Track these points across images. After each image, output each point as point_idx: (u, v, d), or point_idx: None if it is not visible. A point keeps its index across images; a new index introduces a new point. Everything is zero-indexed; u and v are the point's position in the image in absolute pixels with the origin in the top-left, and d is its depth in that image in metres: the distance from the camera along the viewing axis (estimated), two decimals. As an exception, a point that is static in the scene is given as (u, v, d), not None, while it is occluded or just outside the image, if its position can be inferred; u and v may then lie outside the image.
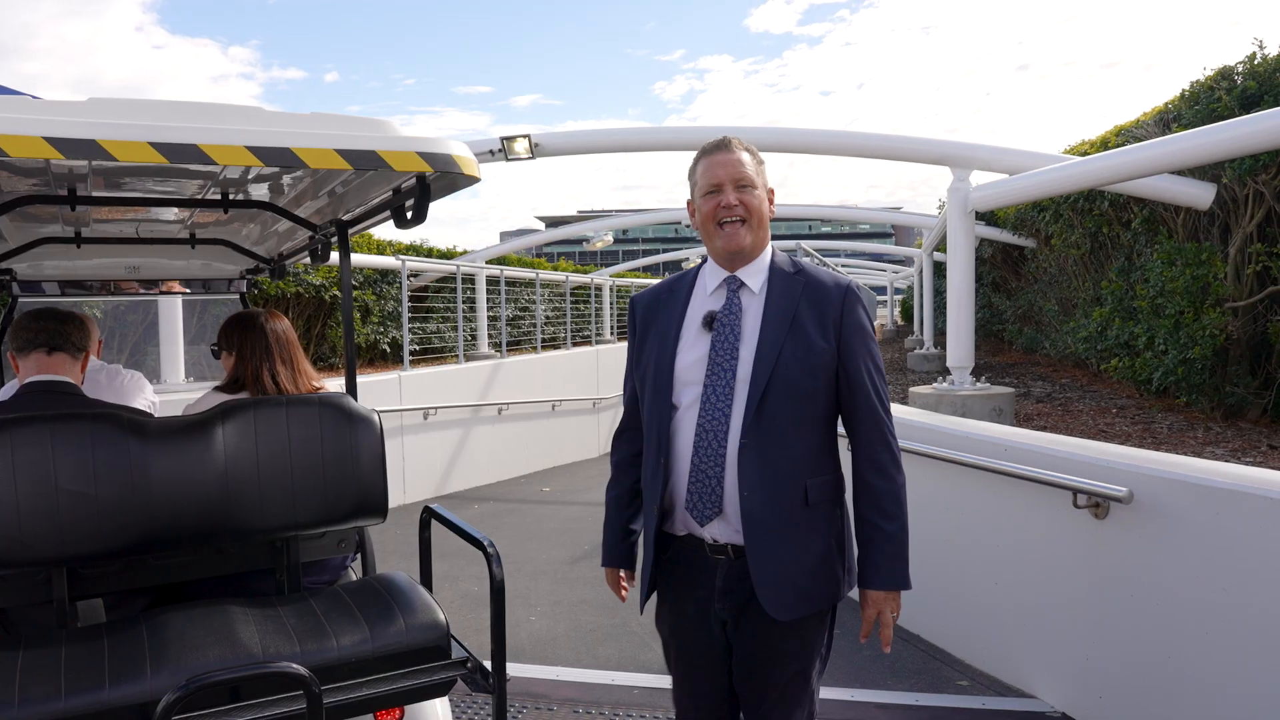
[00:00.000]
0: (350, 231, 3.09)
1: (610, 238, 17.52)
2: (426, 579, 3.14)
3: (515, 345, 16.76)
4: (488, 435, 11.76)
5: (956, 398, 7.30)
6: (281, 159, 1.95)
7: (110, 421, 2.47)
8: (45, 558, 2.38)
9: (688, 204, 2.44)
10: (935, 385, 7.81)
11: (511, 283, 17.32)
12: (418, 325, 14.51)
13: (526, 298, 18.22)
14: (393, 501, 9.70)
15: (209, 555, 2.83)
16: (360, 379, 10.46)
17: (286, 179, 2.82)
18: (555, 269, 22.27)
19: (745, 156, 2.34)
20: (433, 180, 2.43)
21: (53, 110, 1.90)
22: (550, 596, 6.08)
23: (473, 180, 2.33)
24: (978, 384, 7.71)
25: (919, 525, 4.99)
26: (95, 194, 2.88)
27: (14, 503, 2.32)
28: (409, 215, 2.50)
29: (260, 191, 3.04)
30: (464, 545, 2.67)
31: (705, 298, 2.39)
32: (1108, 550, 3.73)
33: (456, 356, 12.58)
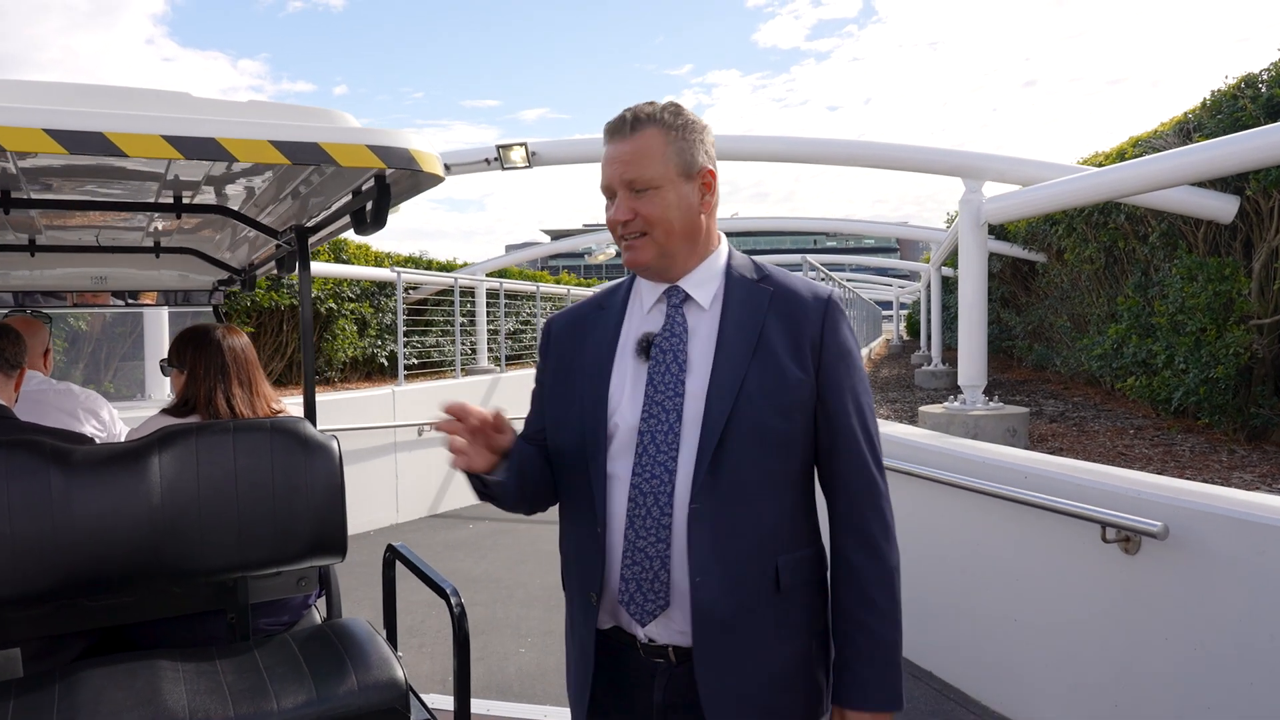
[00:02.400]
0: (312, 239, 2.83)
1: (612, 250, 17.27)
2: (390, 624, 2.86)
3: (517, 359, 16.51)
4: (485, 452, 11.45)
5: (969, 418, 7.01)
6: (204, 151, 1.69)
7: (29, 449, 2.20)
8: None
9: None
10: (946, 404, 7.52)
11: (513, 295, 17.08)
12: (416, 339, 14.26)
13: (529, 311, 17.97)
14: (385, 521, 9.41)
15: (154, 596, 2.55)
16: (352, 394, 10.22)
17: (246, 181, 2.57)
18: (558, 282, 22.04)
19: (644, 142, 1.69)
20: (393, 180, 2.16)
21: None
22: (542, 626, 5.78)
23: (435, 179, 2.06)
24: (990, 403, 7.42)
25: (931, 554, 4.73)
26: (34, 196, 2.62)
27: None
28: (369, 219, 2.23)
29: (220, 195, 2.78)
30: (458, 566, 2.34)
31: (642, 316, 1.80)
32: (1139, 589, 3.43)
33: (454, 371, 12.31)
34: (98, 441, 3.29)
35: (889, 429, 5.55)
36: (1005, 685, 4.19)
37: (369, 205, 2.22)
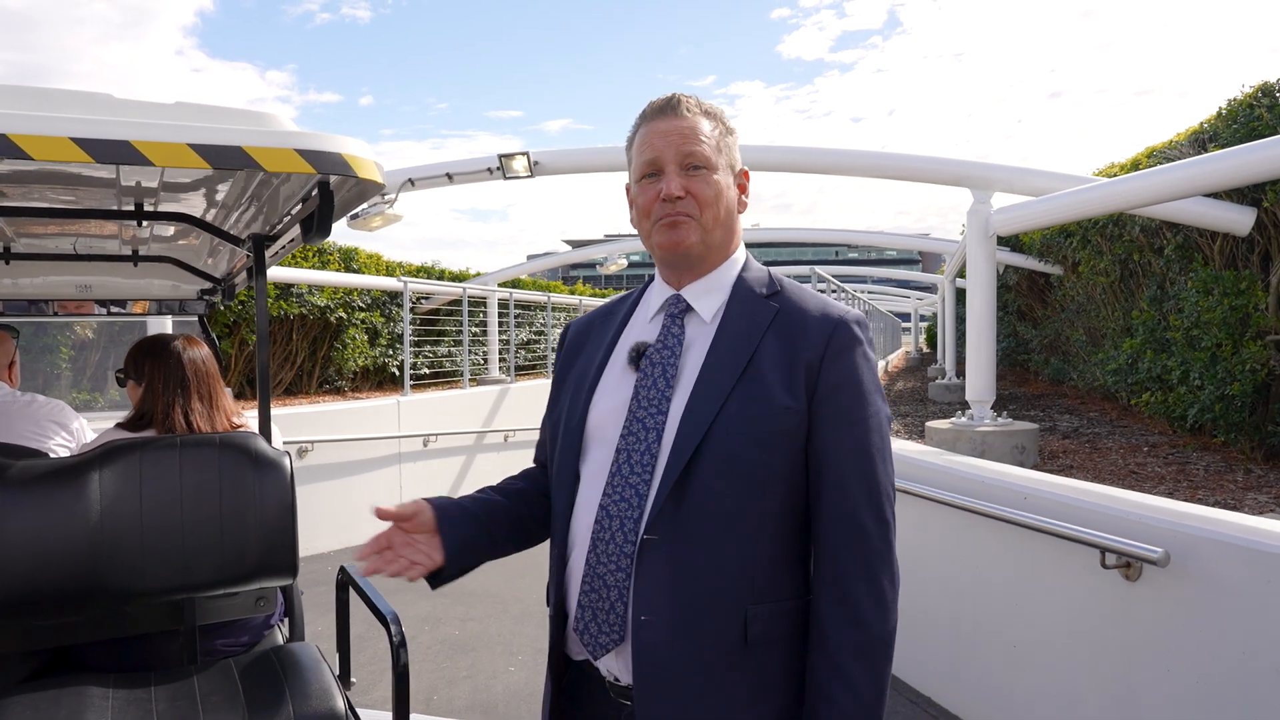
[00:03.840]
0: (271, 248, 2.74)
1: (624, 260, 17.16)
2: (344, 649, 2.76)
3: (529, 369, 16.43)
4: (491, 463, 11.38)
5: (975, 434, 6.84)
6: (117, 154, 1.60)
7: None
8: None
9: (626, 190, 1.71)
10: (954, 420, 7.36)
11: (525, 306, 17.02)
12: (428, 349, 14.22)
13: (541, 321, 17.90)
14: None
15: (102, 617, 2.47)
16: (358, 403, 10.17)
17: (210, 188, 2.48)
18: (572, 292, 21.97)
19: (703, 123, 1.59)
20: (336, 187, 2.07)
21: None
22: (535, 644, 5.67)
23: (376, 186, 1.96)
24: (999, 419, 7.25)
25: (929, 575, 4.59)
26: None
27: None
28: (314, 227, 2.14)
29: (188, 202, 2.71)
30: (456, 580, 2.22)
31: (643, 325, 1.68)
32: (1139, 617, 3.29)
33: (462, 381, 12.25)
34: (63, 454, 3.22)
35: (890, 445, 5.41)
36: (1005, 711, 4.04)
37: (315, 213, 2.13)
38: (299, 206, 2.34)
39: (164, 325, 8.86)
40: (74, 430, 3.46)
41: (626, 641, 1.53)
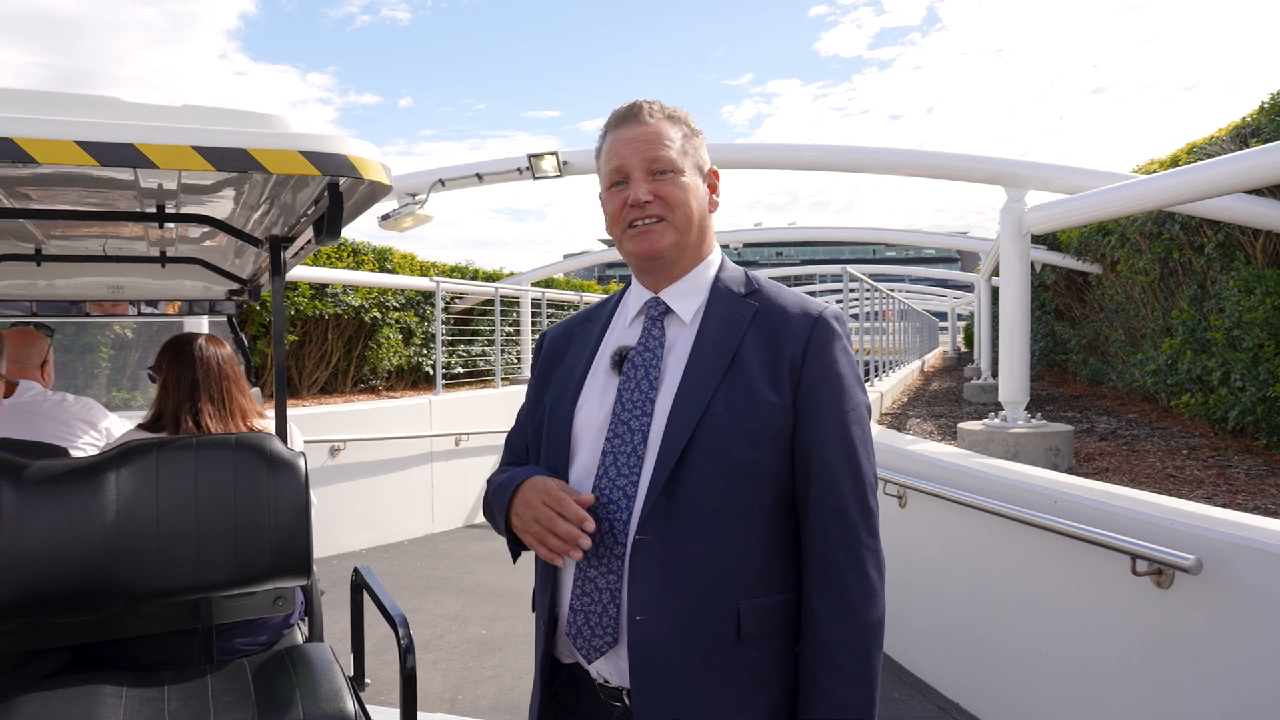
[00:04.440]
0: (289, 249, 2.76)
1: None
2: (358, 648, 2.77)
3: (560, 369, 16.40)
4: (522, 462, 11.39)
5: (1009, 436, 6.74)
6: (122, 157, 1.61)
7: None
8: None
9: (600, 199, 1.73)
10: (986, 421, 7.25)
11: (558, 305, 17.06)
12: (462, 348, 14.29)
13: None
14: (421, 531, 9.44)
15: (120, 615, 2.50)
16: (390, 402, 10.24)
17: (230, 190, 2.50)
18: (606, 291, 21.99)
19: (667, 127, 1.62)
20: (346, 189, 2.07)
21: None
22: (560, 643, 5.67)
23: (383, 188, 1.96)
24: (1033, 420, 7.13)
25: (955, 579, 4.52)
26: (11, 205, 2.59)
27: None
28: (324, 229, 2.14)
29: (206, 204, 2.73)
30: (485, 579, 2.17)
31: (624, 329, 1.71)
32: (1171, 626, 3.21)
33: (494, 380, 12.30)
34: (91, 453, 3.26)
35: (917, 446, 5.34)
36: (1035, 717, 3.97)
37: (325, 214, 2.13)
38: (313, 208, 2.35)
39: (200, 325, 9.00)
40: (103, 429, 3.51)
41: (621, 643, 1.54)
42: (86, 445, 3.36)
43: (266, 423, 2.94)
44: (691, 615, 1.49)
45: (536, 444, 1.74)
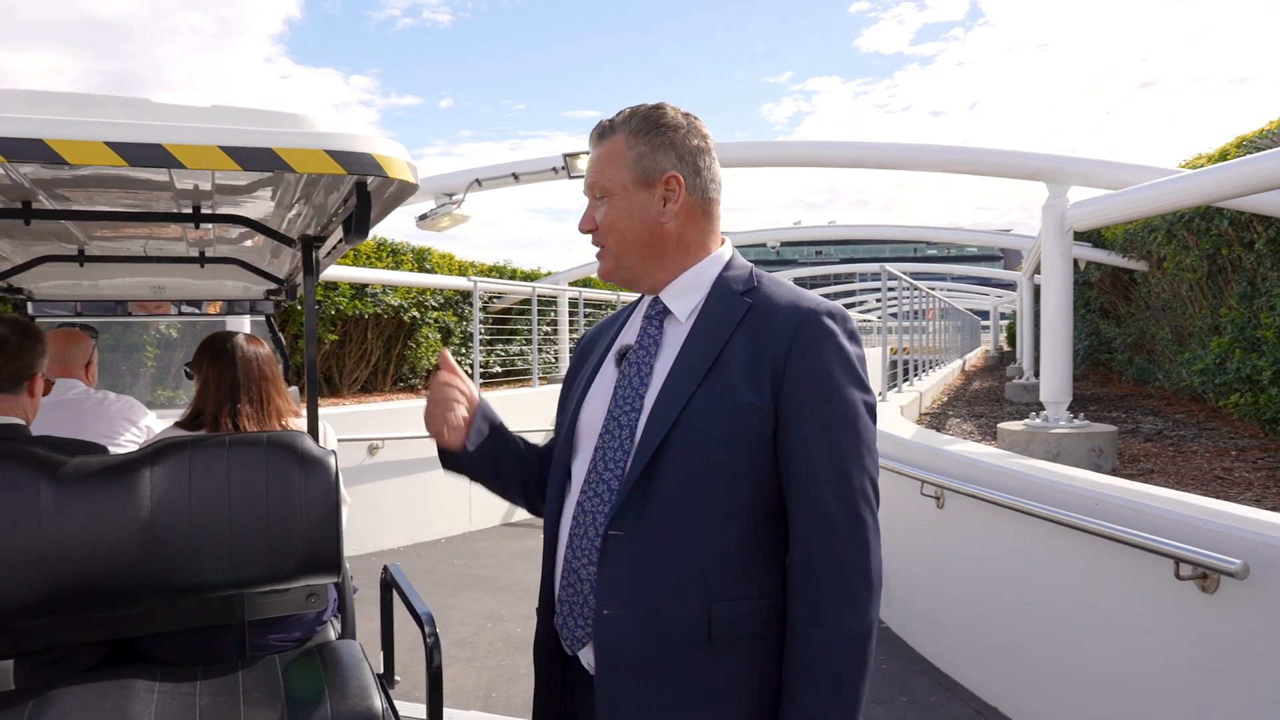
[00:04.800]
0: (320, 249, 2.78)
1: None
2: (388, 646, 2.79)
3: (598, 368, 16.43)
4: (558, 461, 11.43)
5: (1050, 436, 6.63)
6: (151, 157, 1.63)
7: (19, 462, 2.18)
8: None
9: None
10: (1027, 421, 7.14)
11: (595, 305, 17.09)
12: (500, 347, 14.38)
13: (611, 320, 17.92)
14: (458, 529, 9.51)
15: (156, 610, 2.54)
16: (421, 401, 10.31)
17: (263, 190, 2.53)
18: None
19: (608, 148, 1.64)
20: (374, 188, 2.08)
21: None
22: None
23: (410, 187, 1.97)
24: (1075, 420, 7.01)
25: (993, 582, 4.45)
26: (52, 207, 2.64)
27: None
28: (353, 228, 2.16)
29: (241, 205, 2.76)
30: (521, 577, 2.19)
31: (632, 328, 1.74)
32: (1216, 632, 3.12)
33: (532, 379, 12.35)
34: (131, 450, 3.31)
35: (955, 447, 5.27)
36: (1072, 727, 3.89)
37: (353, 214, 2.15)
38: (343, 208, 2.36)
39: (242, 325, 9.14)
40: (143, 426, 3.57)
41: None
42: (127, 442, 3.42)
43: (301, 422, 2.97)
44: (660, 614, 1.49)
45: (558, 419, 1.79)
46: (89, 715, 1.93)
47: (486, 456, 1.77)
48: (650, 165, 1.61)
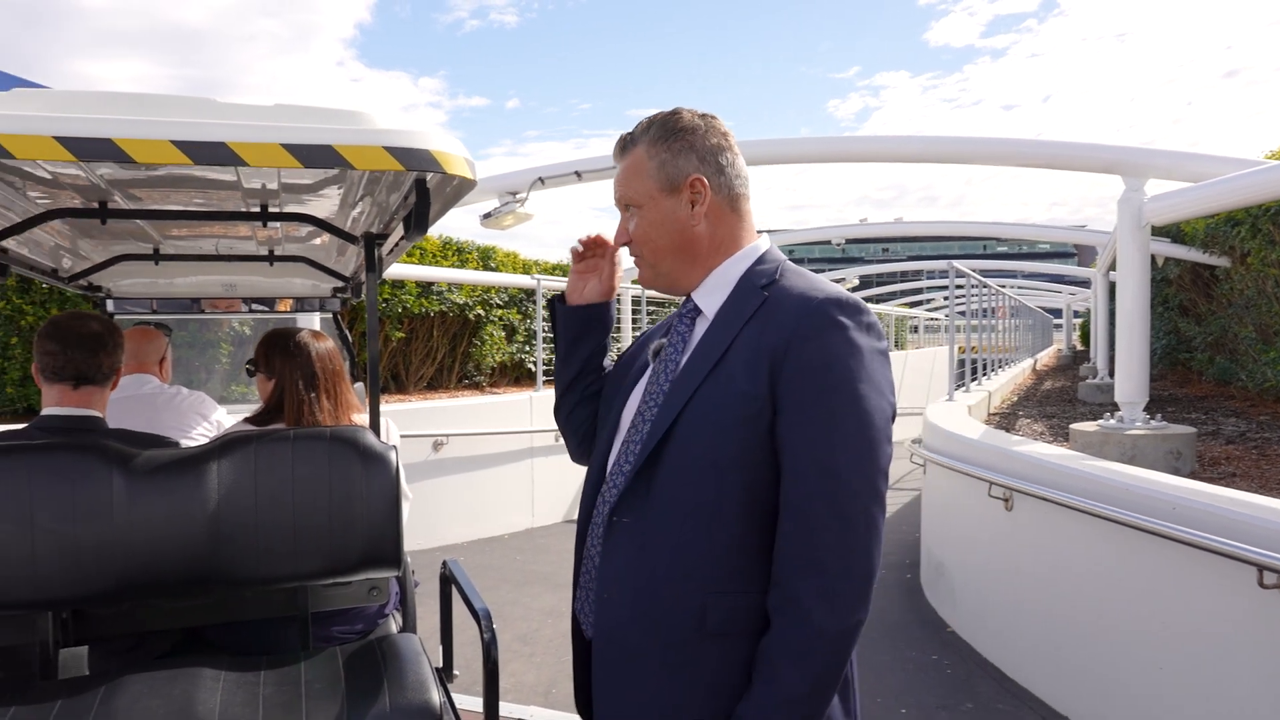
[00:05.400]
0: (383, 245, 2.81)
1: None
2: (447, 641, 2.81)
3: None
4: (621, 458, 11.46)
5: (1125, 438, 6.42)
6: (215, 155, 1.67)
7: (95, 454, 2.25)
8: (19, 601, 2.18)
9: None
10: (1101, 422, 6.93)
11: (657, 302, 17.09)
12: (562, 345, 14.44)
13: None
14: (521, 526, 9.63)
15: (226, 601, 2.60)
16: (491, 398, 10.43)
17: (329, 189, 2.58)
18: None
19: (631, 161, 1.67)
20: (434, 185, 2.10)
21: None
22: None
23: (468, 183, 1.97)
24: (1152, 422, 6.78)
25: (1065, 586, 4.33)
26: (126, 207, 2.72)
27: None
28: (412, 225, 2.18)
29: (306, 203, 2.82)
30: None
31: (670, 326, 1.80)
32: (1302, 643, 2.99)
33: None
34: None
35: (1024, 447, 5.13)
36: (1147, 739, 3.77)
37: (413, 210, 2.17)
38: (403, 205, 2.39)
39: (312, 322, 9.33)
40: (214, 421, 3.67)
41: None
42: (199, 436, 3.52)
43: (363, 418, 3.01)
44: (656, 601, 1.52)
45: (601, 406, 1.88)
46: (158, 701, 1.98)
47: (595, 328, 1.88)
48: (673, 171, 1.63)
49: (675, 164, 1.63)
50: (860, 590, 1.44)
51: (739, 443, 1.49)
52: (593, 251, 1.84)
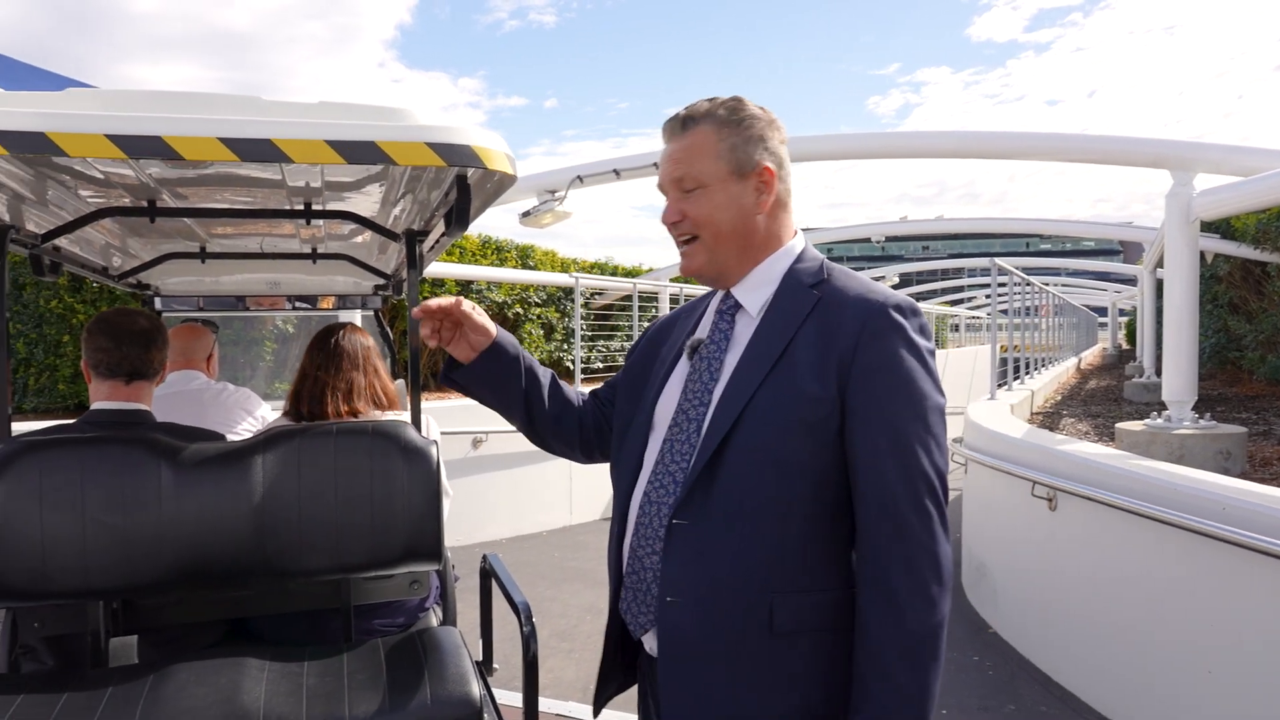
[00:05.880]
0: (423, 242, 2.84)
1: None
2: (486, 634, 2.83)
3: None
4: (658, 456, 11.47)
5: (1173, 437, 6.31)
6: (260, 152, 1.70)
7: (144, 447, 2.30)
8: (71, 590, 2.23)
9: None
10: (1148, 421, 6.81)
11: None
12: (601, 343, 14.50)
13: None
14: (559, 523, 9.67)
15: (269, 593, 2.64)
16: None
17: (372, 186, 2.61)
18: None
19: (701, 137, 1.60)
20: (474, 180, 2.11)
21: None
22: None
23: (509, 179, 1.99)
24: (1201, 421, 6.65)
25: (1111, 587, 4.26)
26: (174, 205, 2.77)
27: (39, 531, 2.18)
28: (454, 221, 2.20)
29: (349, 201, 2.85)
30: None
31: (706, 322, 1.75)
32: (1358, 647, 2.92)
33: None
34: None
35: (1069, 446, 5.06)
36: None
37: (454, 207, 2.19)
38: (444, 202, 2.41)
39: (354, 320, 9.44)
40: (259, 416, 3.73)
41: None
42: (244, 431, 3.58)
43: (404, 414, 3.04)
44: (722, 604, 1.51)
45: (622, 428, 1.81)
46: (204, 690, 2.02)
47: (487, 377, 1.86)
48: (744, 156, 1.60)
49: (746, 149, 1.60)
50: (946, 581, 1.49)
51: (809, 444, 1.50)
52: (442, 322, 1.83)
